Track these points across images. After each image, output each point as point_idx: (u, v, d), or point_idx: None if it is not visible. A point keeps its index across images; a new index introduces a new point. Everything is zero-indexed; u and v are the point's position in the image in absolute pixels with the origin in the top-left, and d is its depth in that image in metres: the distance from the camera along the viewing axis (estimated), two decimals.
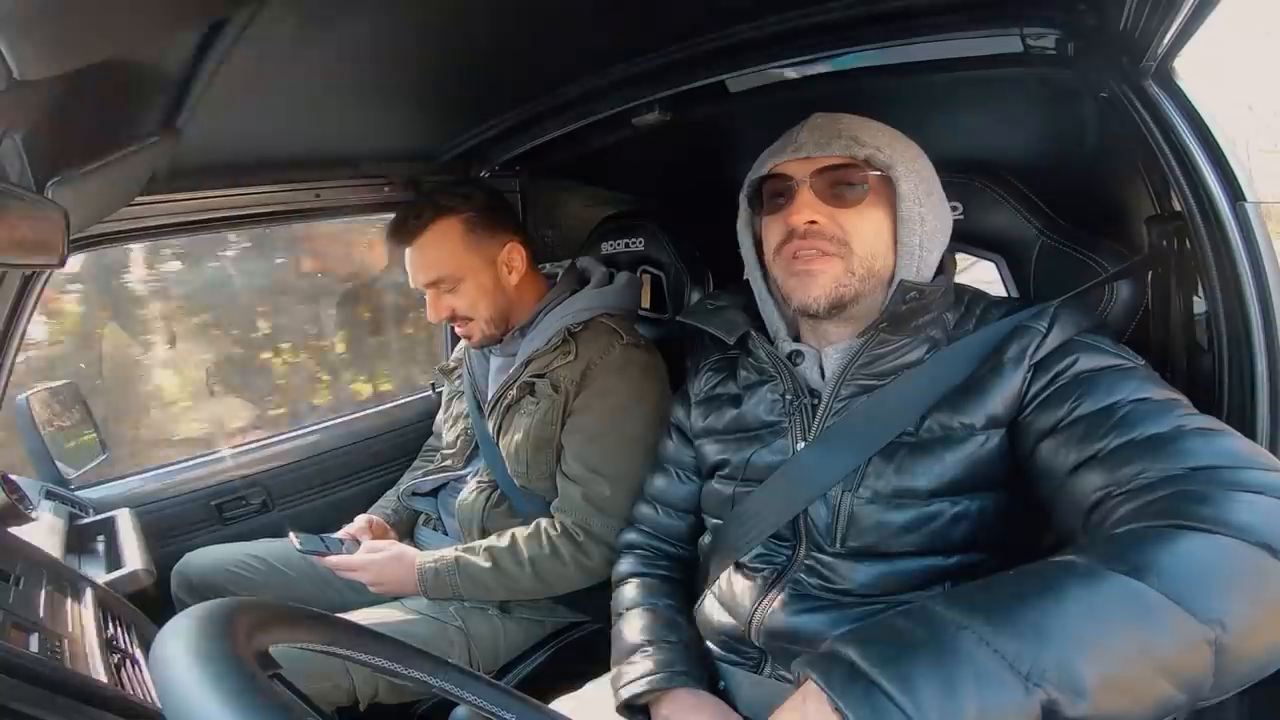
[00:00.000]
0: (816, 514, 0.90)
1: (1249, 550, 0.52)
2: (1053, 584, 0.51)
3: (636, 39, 1.16)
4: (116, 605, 0.94)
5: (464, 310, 1.35)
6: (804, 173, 0.89)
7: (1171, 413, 0.70)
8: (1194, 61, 0.85)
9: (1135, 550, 0.53)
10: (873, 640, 0.49)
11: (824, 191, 0.88)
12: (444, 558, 1.27)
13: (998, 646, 0.46)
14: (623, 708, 0.92)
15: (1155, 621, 0.48)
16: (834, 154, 0.88)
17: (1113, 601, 0.49)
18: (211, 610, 0.47)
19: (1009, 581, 0.53)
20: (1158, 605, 0.49)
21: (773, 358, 0.97)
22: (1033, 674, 0.45)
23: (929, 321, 0.90)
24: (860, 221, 0.88)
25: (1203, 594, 0.49)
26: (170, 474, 1.67)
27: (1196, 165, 0.84)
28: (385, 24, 0.91)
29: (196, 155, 1.17)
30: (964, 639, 0.47)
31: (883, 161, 0.87)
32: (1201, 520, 0.54)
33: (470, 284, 1.33)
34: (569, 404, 1.29)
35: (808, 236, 0.88)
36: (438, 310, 1.35)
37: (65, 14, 0.51)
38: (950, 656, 0.46)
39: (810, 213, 0.88)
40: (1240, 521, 0.54)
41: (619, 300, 1.40)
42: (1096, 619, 0.48)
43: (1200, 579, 0.51)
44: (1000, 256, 1.23)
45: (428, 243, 1.31)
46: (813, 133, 0.91)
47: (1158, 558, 0.52)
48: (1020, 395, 0.82)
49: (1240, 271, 0.81)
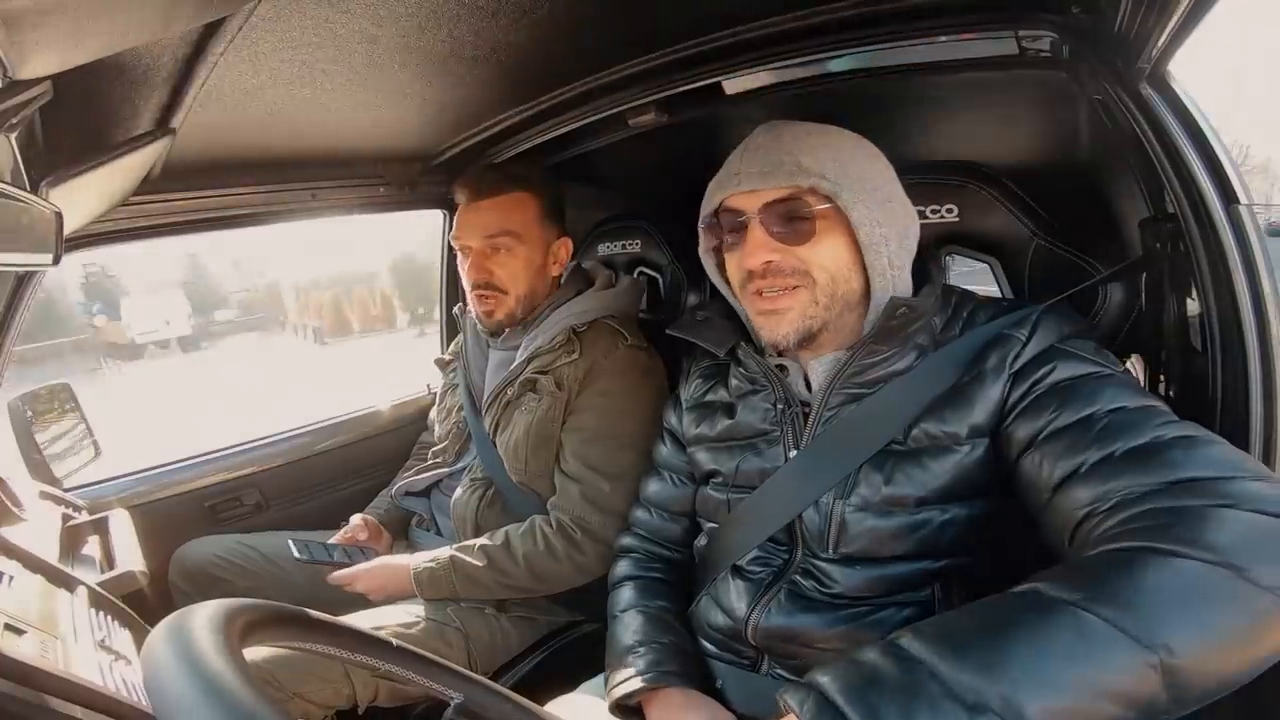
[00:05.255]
0: (810, 520, 0.90)
1: (1209, 572, 0.54)
2: (1006, 619, 0.55)
3: (633, 40, 1.16)
4: (109, 606, 0.94)
5: (504, 280, 1.36)
6: (752, 207, 0.88)
7: (1150, 421, 0.70)
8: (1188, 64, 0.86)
9: (1094, 578, 0.56)
10: (846, 674, 0.53)
11: (774, 227, 0.87)
12: (439, 558, 1.27)
13: (949, 680, 0.50)
14: (615, 707, 0.92)
15: (1097, 651, 0.50)
16: (778, 184, 0.86)
17: (1059, 634, 0.52)
18: (204, 612, 0.47)
19: (969, 616, 0.57)
20: (1102, 634, 0.51)
21: (763, 368, 0.97)
22: (978, 706, 0.48)
23: (918, 329, 0.90)
24: (817, 252, 0.88)
25: (1148, 620, 0.51)
26: (164, 474, 1.66)
27: (1190, 168, 0.84)
28: (381, 24, 0.91)
29: (191, 155, 1.17)
30: (920, 673, 0.51)
31: (829, 189, 0.85)
32: (1170, 542, 0.56)
33: (522, 256, 1.36)
34: (571, 402, 1.30)
35: (767, 275, 0.89)
36: (481, 270, 1.36)
37: (61, 14, 0.51)
38: (910, 690, 0.50)
39: (765, 253, 0.88)
40: (1209, 541, 0.55)
41: (622, 303, 1.42)
42: (1041, 653, 0.51)
43: (1150, 605, 0.52)
44: (994, 259, 1.23)
45: (502, 204, 1.35)
46: (754, 159, 0.89)
47: (1113, 585, 0.54)
48: (1001, 404, 0.82)
49: (1233, 273, 0.81)
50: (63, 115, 0.72)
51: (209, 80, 0.88)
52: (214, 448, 1.77)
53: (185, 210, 1.44)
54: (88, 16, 0.55)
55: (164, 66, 0.84)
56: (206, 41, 0.80)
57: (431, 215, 1.97)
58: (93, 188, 0.95)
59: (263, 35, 0.82)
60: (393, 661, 0.59)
